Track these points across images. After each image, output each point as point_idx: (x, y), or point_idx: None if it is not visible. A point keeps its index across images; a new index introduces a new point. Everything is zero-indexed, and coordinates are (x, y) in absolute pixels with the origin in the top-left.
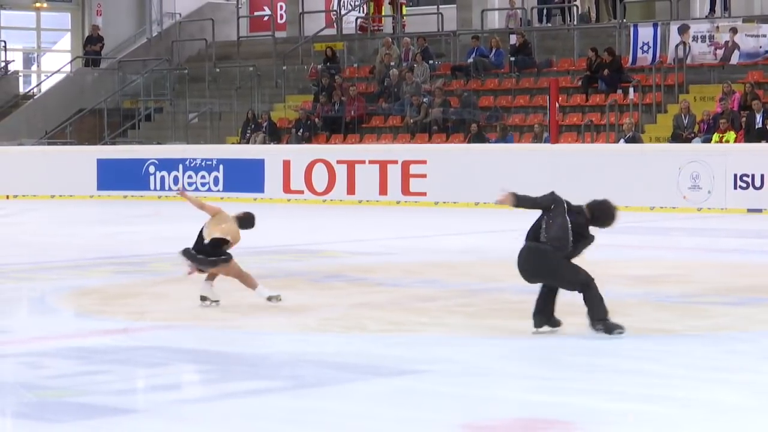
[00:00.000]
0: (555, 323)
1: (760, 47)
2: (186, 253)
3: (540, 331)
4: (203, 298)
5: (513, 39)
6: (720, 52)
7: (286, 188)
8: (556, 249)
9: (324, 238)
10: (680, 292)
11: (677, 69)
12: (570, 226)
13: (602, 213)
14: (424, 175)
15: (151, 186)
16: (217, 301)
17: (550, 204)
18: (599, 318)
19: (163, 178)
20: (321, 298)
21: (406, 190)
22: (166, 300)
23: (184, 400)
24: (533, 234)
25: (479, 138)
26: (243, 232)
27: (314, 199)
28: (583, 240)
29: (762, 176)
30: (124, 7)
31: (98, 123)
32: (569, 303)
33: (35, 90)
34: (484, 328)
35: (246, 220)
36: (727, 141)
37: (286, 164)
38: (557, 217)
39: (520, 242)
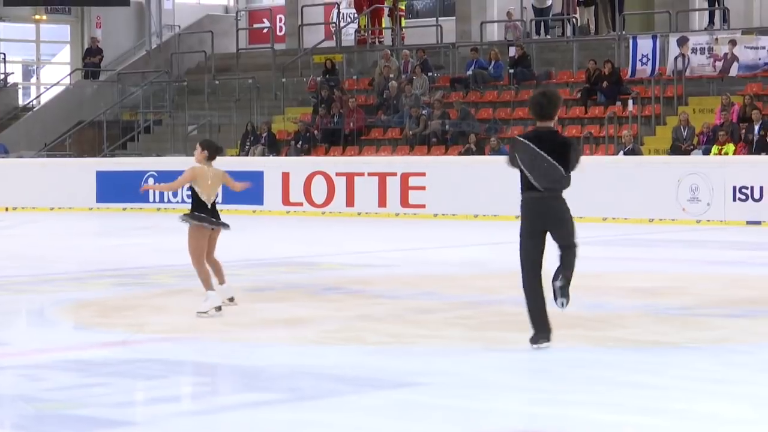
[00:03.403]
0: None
1: (759, 59)
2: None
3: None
4: (218, 308)
5: (512, 51)
6: (719, 64)
7: (285, 200)
8: None
9: (323, 251)
10: (680, 305)
11: (676, 81)
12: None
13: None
14: (423, 188)
15: (151, 198)
16: (231, 298)
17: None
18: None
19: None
20: (320, 310)
21: (405, 202)
22: (165, 312)
23: (183, 413)
24: None
25: (477, 150)
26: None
27: (313, 211)
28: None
29: (761, 188)
30: (124, 20)
31: (97, 135)
32: (567, 314)
33: (34, 102)
34: (483, 341)
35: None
36: (726, 153)
37: (285, 176)
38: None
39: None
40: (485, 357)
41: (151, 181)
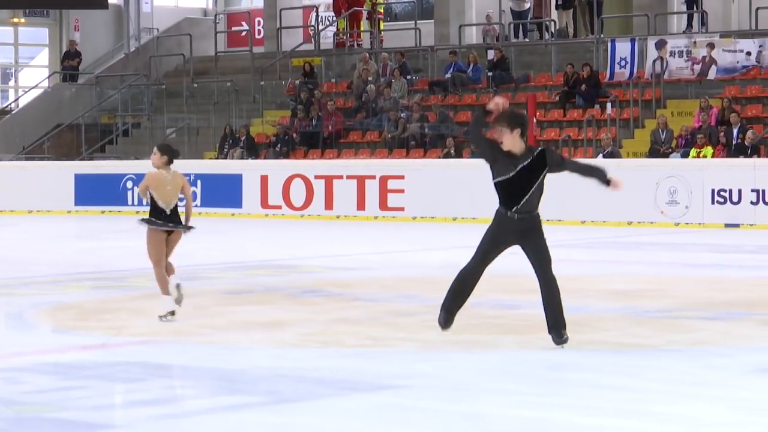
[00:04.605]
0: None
1: (738, 62)
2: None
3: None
4: (172, 313)
5: (491, 54)
6: (697, 67)
7: (264, 203)
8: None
9: (302, 253)
10: (658, 307)
11: (655, 84)
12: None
13: None
14: (402, 191)
15: (129, 201)
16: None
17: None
18: None
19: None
20: (299, 313)
21: (383, 205)
22: (144, 315)
23: (162, 416)
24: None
25: (456, 154)
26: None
27: (292, 215)
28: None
29: (739, 191)
30: (102, 23)
31: (76, 138)
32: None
33: (13, 105)
34: (461, 343)
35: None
36: (705, 156)
37: (264, 179)
38: None
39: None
40: (465, 360)
41: (129, 183)
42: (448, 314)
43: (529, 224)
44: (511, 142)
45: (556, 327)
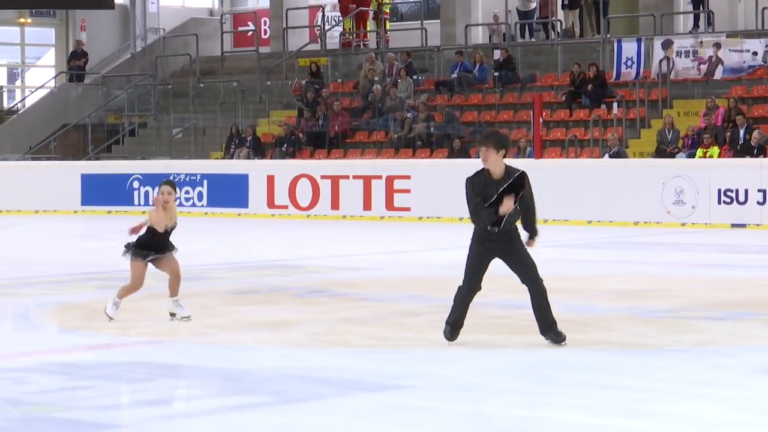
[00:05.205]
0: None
1: (744, 62)
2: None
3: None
4: (171, 315)
5: (497, 54)
6: (704, 67)
7: (270, 203)
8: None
9: (308, 253)
10: (664, 307)
11: (661, 84)
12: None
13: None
14: (408, 191)
15: (135, 201)
16: (187, 317)
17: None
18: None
19: (147, 194)
20: (305, 313)
21: (390, 205)
22: (150, 315)
23: (168, 416)
24: None
25: (462, 154)
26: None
27: (298, 215)
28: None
29: (746, 191)
30: (109, 23)
31: (82, 138)
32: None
33: (19, 105)
34: (468, 344)
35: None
36: (711, 156)
37: (270, 179)
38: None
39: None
40: (470, 360)
41: (136, 183)
42: (453, 328)
43: (509, 237)
44: (495, 163)
45: (552, 328)
